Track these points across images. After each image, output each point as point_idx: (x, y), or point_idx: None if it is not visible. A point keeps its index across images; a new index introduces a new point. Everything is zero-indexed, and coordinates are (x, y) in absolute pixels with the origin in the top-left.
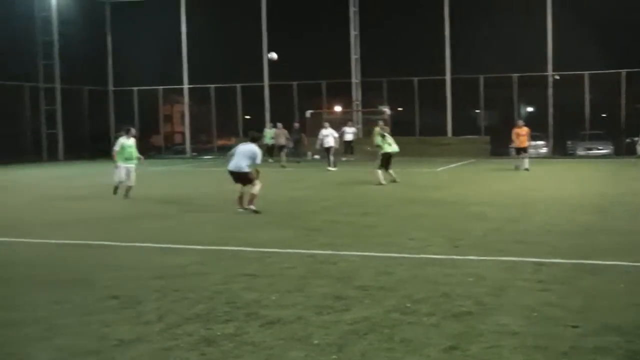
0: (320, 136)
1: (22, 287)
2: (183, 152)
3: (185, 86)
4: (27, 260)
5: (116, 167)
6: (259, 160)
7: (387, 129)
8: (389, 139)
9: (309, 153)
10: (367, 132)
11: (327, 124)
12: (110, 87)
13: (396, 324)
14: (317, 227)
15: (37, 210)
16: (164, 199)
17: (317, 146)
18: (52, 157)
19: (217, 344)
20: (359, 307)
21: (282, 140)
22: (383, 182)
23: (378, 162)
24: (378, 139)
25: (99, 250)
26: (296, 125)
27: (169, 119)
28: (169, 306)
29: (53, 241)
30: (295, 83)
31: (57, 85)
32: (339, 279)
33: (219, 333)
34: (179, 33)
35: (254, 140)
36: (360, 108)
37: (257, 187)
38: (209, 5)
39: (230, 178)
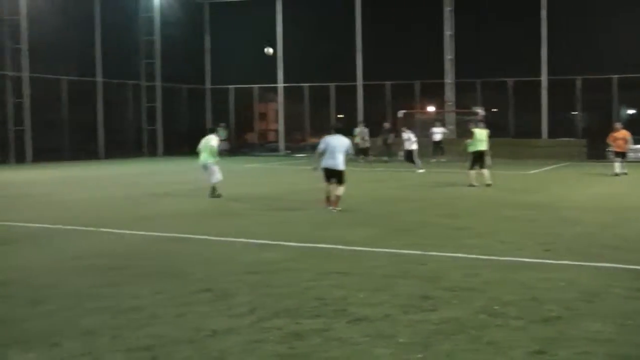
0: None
1: (122, 277)
2: (276, 149)
3: (280, 85)
4: (127, 252)
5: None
6: (350, 150)
7: (479, 129)
8: (480, 137)
9: (400, 153)
10: (460, 133)
11: (404, 128)
12: (208, 86)
13: (483, 326)
14: (406, 227)
15: (137, 204)
16: (258, 195)
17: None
18: (152, 153)
19: (305, 339)
20: (446, 308)
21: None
22: (475, 183)
23: (469, 162)
24: (471, 140)
25: (195, 244)
26: (386, 125)
27: (263, 116)
28: (260, 300)
29: (152, 234)
30: (388, 83)
31: (158, 83)
32: (426, 279)
33: (307, 328)
34: (275, 33)
35: (338, 130)
36: (453, 109)
37: (342, 189)
38: (304, 6)
39: (322, 175)
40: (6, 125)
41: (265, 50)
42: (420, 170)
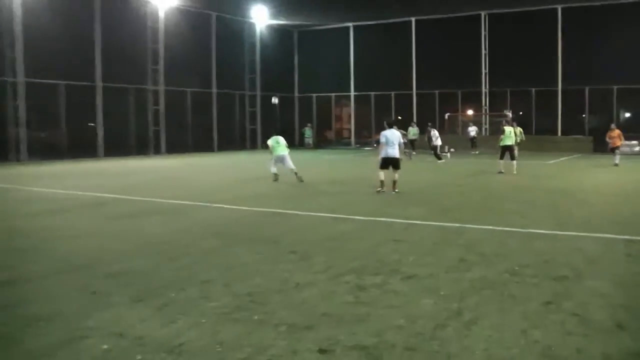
0: (429, 135)
1: (232, 241)
2: (349, 144)
3: (352, 93)
4: (236, 222)
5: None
6: (402, 140)
7: (508, 127)
8: (509, 134)
9: (446, 147)
10: (492, 131)
11: (430, 127)
12: (296, 94)
13: (506, 283)
14: (449, 206)
15: (244, 185)
16: (334, 179)
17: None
18: (253, 146)
19: (367, 291)
20: (477, 269)
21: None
22: (502, 170)
23: (499, 154)
24: (505, 136)
25: (286, 217)
26: (430, 125)
27: (339, 118)
28: (334, 261)
29: (254, 209)
30: (437, 91)
31: (258, 93)
32: (463, 246)
33: (369, 283)
34: (348, 52)
35: (391, 125)
36: (487, 112)
37: (398, 174)
38: (370, 32)
39: (380, 163)
40: (147, 127)
41: (273, 100)
42: (441, 161)
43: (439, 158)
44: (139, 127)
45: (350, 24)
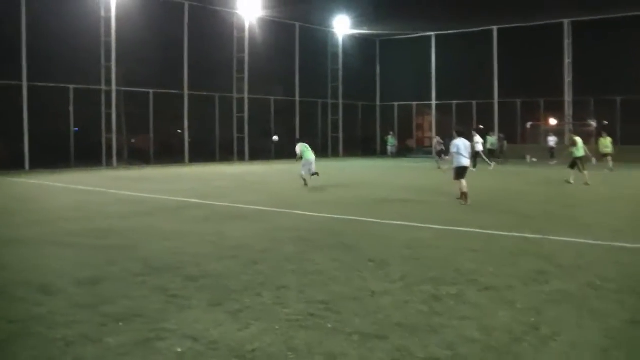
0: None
1: (309, 247)
2: (430, 152)
3: (433, 102)
4: (313, 228)
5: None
6: (470, 149)
7: (578, 138)
8: (580, 144)
9: (528, 156)
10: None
11: (474, 132)
12: (378, 103)
13: (586, 297)
14: (526, 216)
15: (322, 191)
16: (413, 186)
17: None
18: (335, 154)
19: (442, 301)
20: (556, 281)
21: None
22: (571, 181)
23: (569, 164)
24: (574, 147)
25: (363, 224)
26: (501, 135)
27: (420, 127)
28: (410, 270)
29: (331, 215)
30: (519, 100)
31: (340, 101)
32: (542, 257)
33: (445, 293)
34: (430, 61)
35: (461, 134)
36: (571, 121)
37: (465, 182)
38: (452, 41)
39: (453, 173)
40: (232, 134)
41: (273, 138)
42: (490, 167)
43: (489, 163)
44: (224, 133)
45: (432, 33)
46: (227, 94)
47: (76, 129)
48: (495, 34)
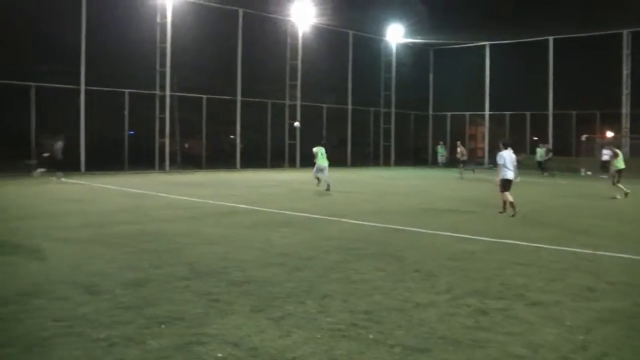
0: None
1: (354, 256)
2: (482, 163)
3: (487, 112)
4: (359, 237)
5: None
6: (515, 161)
7: (617, 151)
8: (620, 158)
9: (582, 170)
10: (634, 153)
11: (541, 145)
12: (430, 112)
13: (638, 317)
14: (578, 230)
15: (369, 201)
16: (462, 198)
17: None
18: (386, 163)
19: (489, 315)
20: (607, 299)
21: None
22: (617, 196)
23: (614, 178)
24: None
25: (410, 234)
26: (548, 145)
27: (473, 137)
28: (456, 282)
29: (378, 224)
30: (574, 112)
31: (392, 110)
32: (593, 273)
33: (491, 307)
34: (484, 71)
35: (507, 146)
36: (628, 134)
37: (509, 194)
38: (506, 50)
39: (500, 185)
40: (284, 140)
41: (295, 124)
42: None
43: None
44: (275, 140)
45: (486, 43)
46: (279, 101)
47: (131, 132)
48: (551, 44)
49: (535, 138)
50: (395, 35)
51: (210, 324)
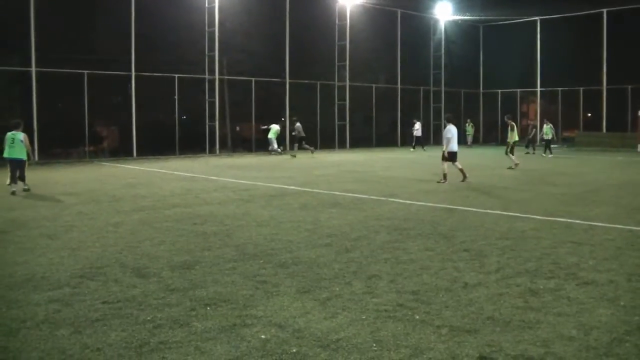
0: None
1: (403, 235)
2: (534, 140)
3: (538, 89)
4: (409, 217)
5: None
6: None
7: None
8: None
9: (639, 146)
10: None
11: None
12: (481, 90)
13: None
14: (634, 206)
15: (420, 181)
16: (512, 176)
17: None
18: (437, 142)
19: (539, 295)
20: None
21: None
22: None
23: None
24: None
25: (460, 213)
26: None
27: (525, 114)
28: (506, 261)
29: (427, 204)
30: (629, 87)
31: (442, 89)
32: None
33: (541, 287)
34: (535, 47)
35: (450, 121)
36: None
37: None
38: (558, 25)
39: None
40: (333, 122)
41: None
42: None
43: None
44: (325, 121)
45: (537, 18)
46: (328, 82)
47: (184, 116)
48: (605, 16)
49: (589, 114)
50: (444, 12)
51: (256, 306)
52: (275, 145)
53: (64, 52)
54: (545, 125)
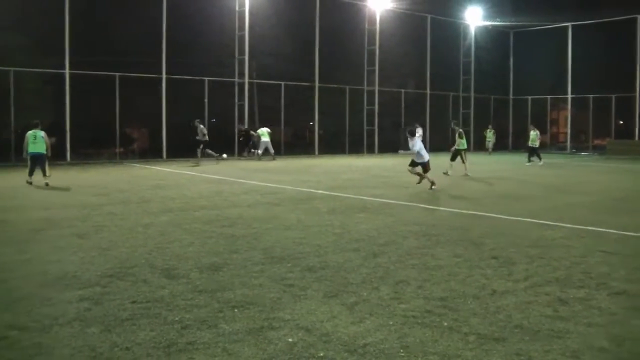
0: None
1: (431, 242)
2: (564, 148)
3: (569, 96)
4: (437, 223)
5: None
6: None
7: None
8: None
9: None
10: None
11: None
12: (510, 96)
13: None
14: None
15: (449, 186)
16: (542, 183)
17: None
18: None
19: (568, 305)
20: None
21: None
22: None
23: None
24: None
25: (489, 220)
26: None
27: (555, 122)
28: (535, 269)
29: (456, 210)
30: None
31: (472, 95)
32: None
33: (571, 296)
34: (566, 53)
35: (413, 133)
36: None
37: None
38: (590, 31)
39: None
40: (362, 126)
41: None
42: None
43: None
44: (353, 126)
45: (568, 24)
46: (357, 87)
47: (213, 119)
48: (638, 23)
49: (621, 122)
50: (474, 18)
51: (283, 309)
52: (261, 150)
53: (96, 55)
54: (531, 132)
